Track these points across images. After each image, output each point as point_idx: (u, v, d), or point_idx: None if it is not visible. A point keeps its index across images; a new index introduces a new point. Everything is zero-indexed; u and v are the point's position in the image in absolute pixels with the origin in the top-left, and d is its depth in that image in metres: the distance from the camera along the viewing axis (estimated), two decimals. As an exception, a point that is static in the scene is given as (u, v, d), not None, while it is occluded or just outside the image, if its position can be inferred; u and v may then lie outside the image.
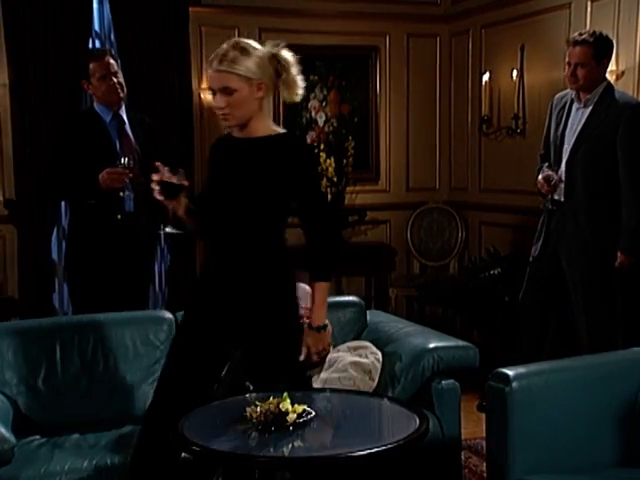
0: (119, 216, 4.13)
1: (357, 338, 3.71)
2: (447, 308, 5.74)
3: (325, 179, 5.86)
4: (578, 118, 4.11)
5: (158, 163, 2.76)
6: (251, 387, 2.83)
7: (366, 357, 3.38)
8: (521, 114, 5.58)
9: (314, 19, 6.03)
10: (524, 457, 2.68)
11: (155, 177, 2.71)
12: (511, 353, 4.39)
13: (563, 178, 4.12)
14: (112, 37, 5.62)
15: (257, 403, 2.42)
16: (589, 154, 4.03)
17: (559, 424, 2.72)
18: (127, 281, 4.15)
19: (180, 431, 2.39)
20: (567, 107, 4.18)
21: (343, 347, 3.49)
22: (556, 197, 4.17)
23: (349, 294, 5.01)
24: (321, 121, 6.18)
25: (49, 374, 3.29)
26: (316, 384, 3.24)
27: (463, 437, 3.50)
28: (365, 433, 2.47)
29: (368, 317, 3.85)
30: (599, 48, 4.00)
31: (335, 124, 6.20)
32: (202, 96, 5.84)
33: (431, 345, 3.40)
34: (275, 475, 2.61)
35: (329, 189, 5.88)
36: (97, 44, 5.64)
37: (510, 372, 2.73)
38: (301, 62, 2.76)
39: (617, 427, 2.77)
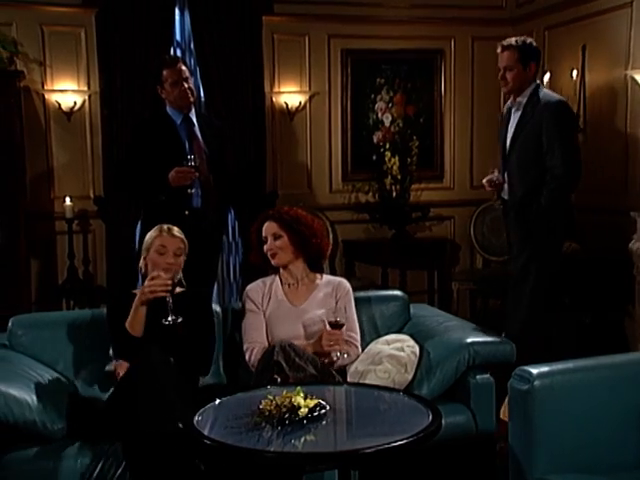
0: (187, 212, 4.08)
1: (399, 331, 3.52)
2: (504, 301, 5.48)
3: (390, 176, 5.71)
4: (513, 121, 4.01)
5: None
6: (279, 380, 2.71)
7: (403, 350, 3.18)
8: (582, 112, 5.26)
9: (381, 24, 5.85)
10: (546, 456, 2.46)
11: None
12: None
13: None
14: (192, 46, 5.61)
15: (269, 397, 2.29)
16: (521, 153, 3.95)
17: (582, 423, 2.48)
18: (194, 273, 4.10)
19: (194, 424, 2.29)
20: (508, 113, 4.08)
21: (381, 340, 3.30)
22: (503, 196, 4.12)
23: (413, 288, 4.84)
24: (387, 122, 6.01)
25: (105, 361, 3.23)
26: (351, 376, 3.08)
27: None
28: (377, 429, 2.30)
29: (412, 311, 3.65)
30: (524, 53, 3.92)
31: (401, 124, 6.01)
32: (274, 99, 5.75)
33: (468, 340, 3.19)
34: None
35: (393, 186, 5.71)
36: (178, 53, 5.63)
37: (533, 370, 2.51)
38: (368, 65, 2.65)
39: (642, 428, 2.52)
